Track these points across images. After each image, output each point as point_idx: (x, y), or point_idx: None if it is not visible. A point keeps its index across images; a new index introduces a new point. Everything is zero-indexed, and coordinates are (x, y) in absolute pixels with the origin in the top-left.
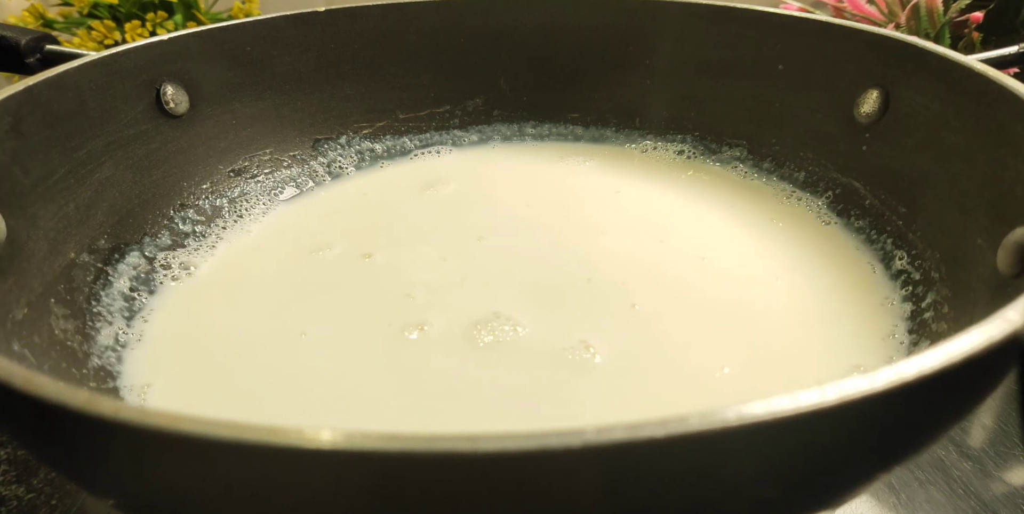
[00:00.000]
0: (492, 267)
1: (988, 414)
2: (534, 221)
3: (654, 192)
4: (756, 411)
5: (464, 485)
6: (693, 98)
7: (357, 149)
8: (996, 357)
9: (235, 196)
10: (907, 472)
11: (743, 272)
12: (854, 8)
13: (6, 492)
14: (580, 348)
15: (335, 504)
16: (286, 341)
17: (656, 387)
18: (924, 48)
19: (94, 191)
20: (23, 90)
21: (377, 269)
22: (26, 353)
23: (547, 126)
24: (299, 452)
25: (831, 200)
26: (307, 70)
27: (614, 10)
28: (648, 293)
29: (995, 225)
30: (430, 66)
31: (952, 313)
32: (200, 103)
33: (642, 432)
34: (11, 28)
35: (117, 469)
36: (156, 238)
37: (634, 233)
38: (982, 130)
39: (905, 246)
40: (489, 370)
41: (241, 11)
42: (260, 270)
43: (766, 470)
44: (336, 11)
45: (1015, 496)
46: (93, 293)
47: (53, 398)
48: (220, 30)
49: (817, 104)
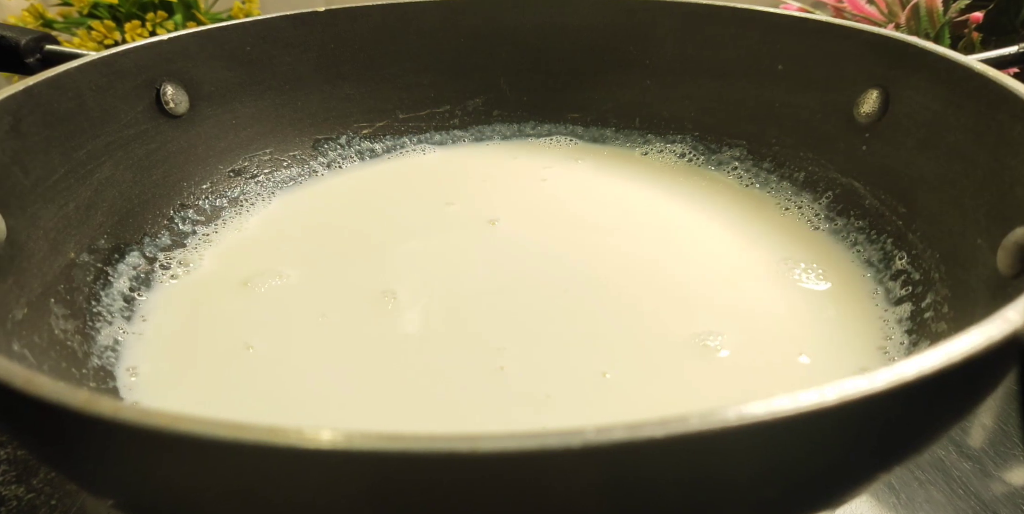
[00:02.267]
0: (491, 266)
1: (988, 414)
2: (533, 220)
3: (654, 193)
4: (756, 411)
5: (464, 485)
6: (693, 98)
7: (357, 149)
8: (996, 357)
9: (235, 196)
10: (907, 472)
11: (742, 272)
12: (854, 8)
13: (6, 492)
14: (579, 347)
15: (335, 504)
16: (286, 340)
17: (652, 390)
18: (924, 48)
19: (94, 191)
20: (23, 90)
21: (377, 268)
22: (26, 353)
23: (547, 126)
24: (299, 452)
25: (831, 200)
26: (307, 70)
27: (614, 10)
28: (648, 293)
29: (995, 225)
30: (430, 66)
31: (952, 313)
32: (200, 103)
33: (642, 432)
34: (11, 28)
35: (117, 469)
36: (156, 238)
37: (634, 234)
38: (982, 130)
39: (905, 246)
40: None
41: (241, 11)
42: (260, 270)
43: (766, 470)
44: (336, 11)
45: (1015, 496)
46: (93, 293)
47: (53, 398)
48: (220, 30)
49: (817, 104)
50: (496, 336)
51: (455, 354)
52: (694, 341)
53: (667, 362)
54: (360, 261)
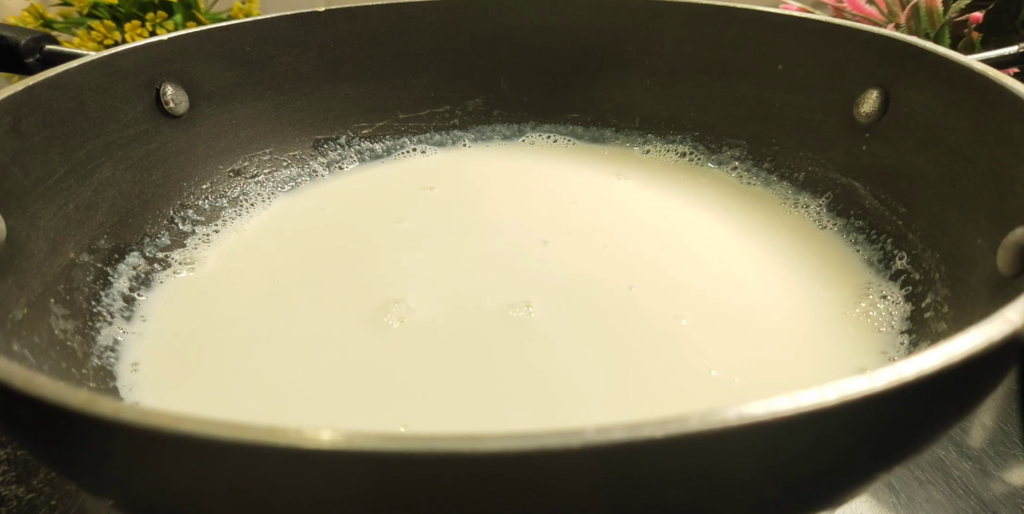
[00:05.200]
0: (490, 266)
1: (988, 414)
2: (533, 221)
3: (654, 193)
4: (756, 411)
5: (464, 485)
6: (693, 98)
7: (357, 149)
8: (996, 357)
9: (235, 196)
10: (907, 472)
11: (742, 273)
12: (854, 8)
13: (6, 492)
14: (576, 348)
15: (335, 504)
16: (286, 341)
17: (652, 388)
18: (924, 48)
19: (94, 191)
20: (23, 90)
21: (377, 268)
22: (26, 353)
23: (547, 126)
24: (299, 452)
25: (831, 200)
26: (307, 70)
27: (614, 10)
28: (648, 294)
29: (995, 225)
30: (430, 66)
31: (952, 313)
32: (200, 103)
33: (642, 432)
34: (11, 28)
35: (117, 469)
36: (156, 238)
37: (633, 234)
38: (982, 130)
39: (905, 246)
40: (486, 365)
41: (241, 11)
42: (260, 270)
43: (766, 470)
44: (336, 11)
45: (1015, 496)
46: (93, 293)
47: (53, 398)
48: (220, 30)
49: (817, 104)
50: (498, 336)
51: (456, 355)
52: (693, 342)
53: (664, 363)
54: (360, 261)
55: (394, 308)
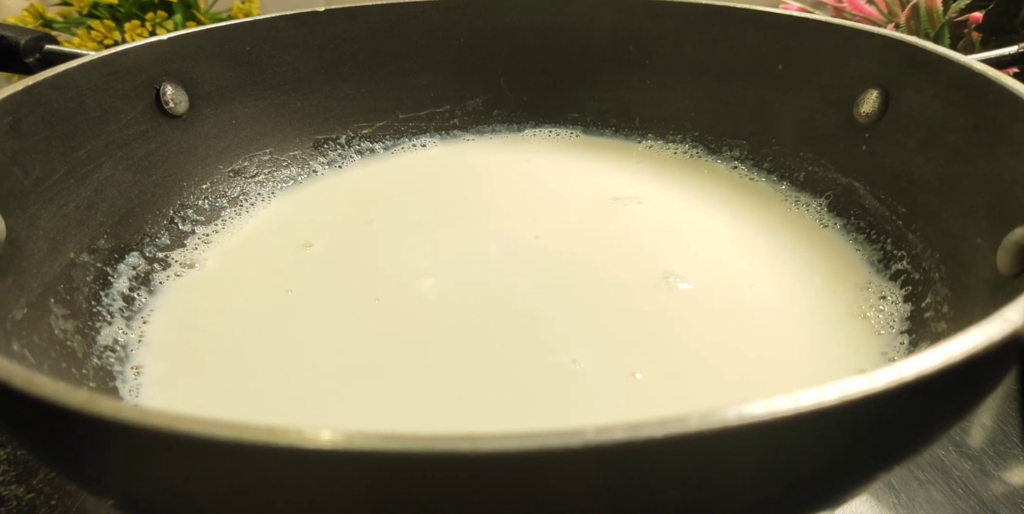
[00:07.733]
0: (490, 265)
1: (988, 414)
2: (532, 221)
3: (654, 193)
4: (756, 411)
5: (464, 485)
6: (693, 98)
7: (357, 149)
8: (996, 357)
9: (235, 196)
10: (907, 472)
11: (742, 273)
12: (854, 8)
13: (6, 492)
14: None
15: (335, 504)
16: (286, 341)
17: (649, 386)
18: (924, 48)
19: (94, 191)
20: (23, 90)
21: (378, 267)
22: (26, 353)
23: (547, 126)
24: (299, 452)
25: (831, 200)
26: (307, 70)
27: (614, 10)
28: (646, 293)
29: (995, 225)
30: (430, 66)
31: (952, 313)
32: (200, 103)
33: (642, 432)
34: (11, 28)
35: (117, 469)
36: (156, 238)
37: (633, 234)
38: (982, 130)
39: (905, 246)
40: (487, 364)
41: (241, 11)
42: (260, 270)
43: (766, 470)
44: (336, 11)
45: (1015, 496)
46: (93, 293)
47: (53, 398)
48: (220, 30)
49: (817, 104)
50: (502, 333)
51: (458, 353)
52: (693, 342)
53: (663, 363)
54: (360, 261)
55: (395, 307)
